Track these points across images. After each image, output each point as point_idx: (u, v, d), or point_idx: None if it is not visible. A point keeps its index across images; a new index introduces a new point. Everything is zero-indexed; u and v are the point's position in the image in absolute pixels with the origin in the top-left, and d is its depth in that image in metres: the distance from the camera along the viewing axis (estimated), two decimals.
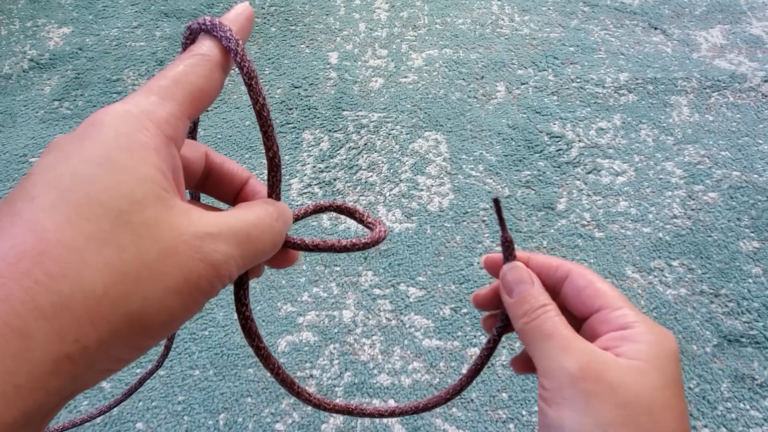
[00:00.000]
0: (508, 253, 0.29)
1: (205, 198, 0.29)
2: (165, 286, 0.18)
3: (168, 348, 0.35)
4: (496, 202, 0.29)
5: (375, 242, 0.27)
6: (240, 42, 0.22)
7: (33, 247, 0.16)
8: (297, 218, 0.28)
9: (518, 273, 0.28)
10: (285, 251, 0.26)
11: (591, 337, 0.27)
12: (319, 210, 0.30)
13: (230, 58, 0.23)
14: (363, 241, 0.27)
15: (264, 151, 0.25)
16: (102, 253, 0.16)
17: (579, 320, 0.29)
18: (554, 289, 0.29)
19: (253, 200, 0.27)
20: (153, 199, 0.18)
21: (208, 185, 0.27)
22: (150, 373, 0.34)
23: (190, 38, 0.23)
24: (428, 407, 0.33)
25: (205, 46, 0.22)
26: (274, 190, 0.26)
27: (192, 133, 0.27)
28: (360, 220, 0.30)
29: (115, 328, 0.17)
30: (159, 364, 0.34)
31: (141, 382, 0.34)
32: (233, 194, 0.27)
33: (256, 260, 0.22)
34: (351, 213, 0.30)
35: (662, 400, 0.23)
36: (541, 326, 0.26)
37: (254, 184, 0.27)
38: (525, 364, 0.32)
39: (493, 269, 0.31)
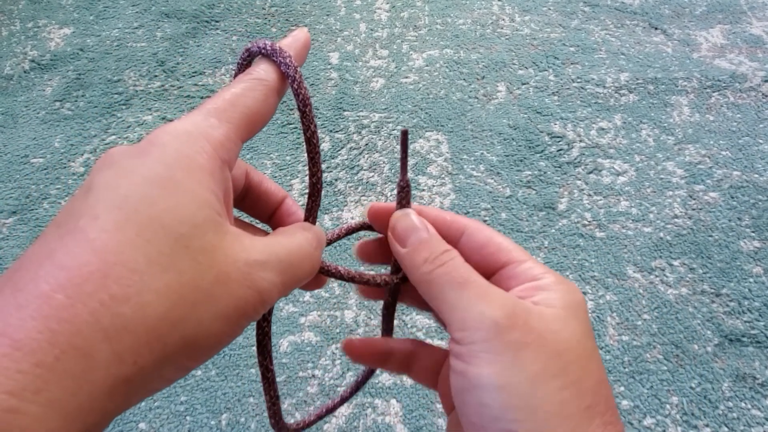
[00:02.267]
0: (405, 201, 0.27)
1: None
2: (216, 311, 0.18)
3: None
4: (404, 134, 0.26)
5: (405, 278, 0.27)
6: (298, 69, 0.22)
7: (97, 269, 0.16)
8: (330, 242, 0.27)
9: (411, 220, 0.25)
10: (317, 275, 0.26)
11: None
12: (350, 231, 0.29)
13: (286, 84, 0.23)
14: (396, 279, 0.27)
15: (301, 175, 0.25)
16: (162, 277, 0.17)
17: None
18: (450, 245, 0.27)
19: (290, 223, 0.27)
20: (210, 224, 0.18)
21: (246, 203, 0.27)
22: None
23: (247, 60, 0.23)
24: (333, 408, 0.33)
25: (263, 70, 0.22)
26: (312, 214, 0.26)
27: None
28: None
29: (170, 350, 0.17)
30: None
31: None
32: (269, 213, 0.28)
33: (295, 286, 0.22)
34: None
35: (587, 347, 0.22)
36: (450, 273, 0.23)
37: (290, 204, 0.28)
38: (386, 357, 0.29)
39: (380, 220, 0.27)
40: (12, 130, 0.88)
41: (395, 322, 0.32)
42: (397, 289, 0.29)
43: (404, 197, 0.27)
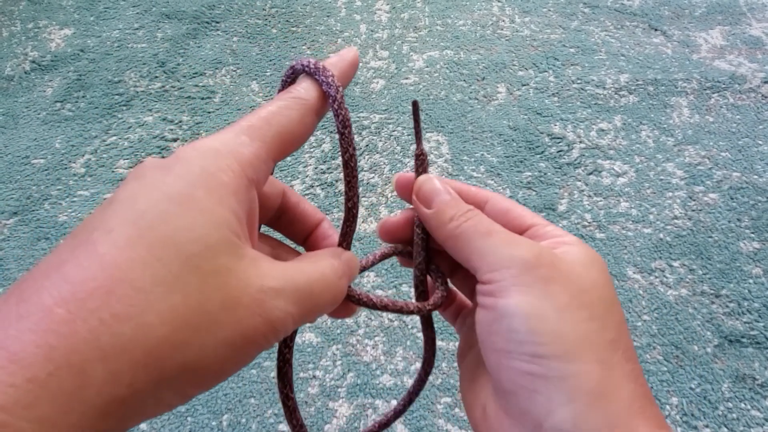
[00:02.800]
0: (422, 169, 0.27)
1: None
2: (222, 338, 0.17)
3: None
4: (415, 104, 0.26)
5: (439, 305, 0.27)
6: (340, 89, 0.22)
7: (102, 285, 0.16)
8: (363, 269, 0.27)
9: (434, 183, 0.26)
10: (346, 303, 0.25)
11: None
12: (384, 257, 0.29)
13: (326, 104, 0.22)
14: (428, 306, 0.27)
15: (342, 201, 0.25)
16: (167, 298, 0.16)
17: None
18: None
19: (324, 247, 0.26)
20: (225, 246, 0.18)
21: (282, 223, 0.27)
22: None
23: (291, 77, 0.23)
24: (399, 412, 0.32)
25: (303, 89, 0.22)
26: (346, 239, 0.25)
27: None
28: (439, 274, 0.29)
29: (168, 374, 0.16)
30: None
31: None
32: (304, 235, 0.27)
33: (314, 317, 0.21)
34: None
35: (609, 291, 0.23)
36: (476, 226, 0.24)
37: (326, 227, 0.27)
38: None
39: (406, 190, 0.28)
40: (13, 131, 0.88)
41: (402, 322, 0.31)
42: (430, 317, 0.29)
43: (421, 165, 0.27)
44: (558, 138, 0.85)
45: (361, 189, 0.80)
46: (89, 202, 0.80)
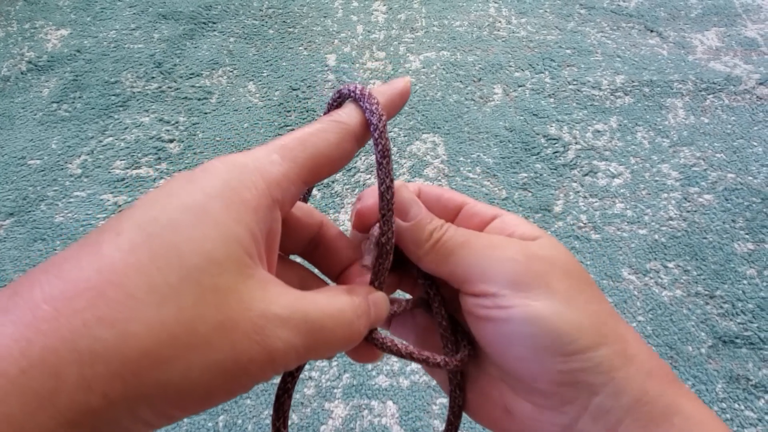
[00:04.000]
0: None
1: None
2: (212, 361, 0.16)
3: None
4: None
5: (465, 362, 0.25)
6: (383, 117, 0.21)
7: (94, 286, 0.15)
8: (394, 314, 0.24)
9: (409, 193, 0.24)
10: (369, 347, 0.23)
11: None
12: (417, 305, 0.26)
13: (368, 132, 0.22)
14: (455, 361, 0.24)
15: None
16: (159, 310, 0.15)
17: None
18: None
19: (352, 283, 0.25)
20: (232, 262, 0.17)
21: (316, 256, 0.26)
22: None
23: (338, 101, 0.22)
24: None
25: (345, 114, 0.21)
26: (378, 277, 0.23)
27: (305, 196, 0.26)
28: (464, 334, 0.26)
29: (146, 391, 0.15)
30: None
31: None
32: (338, 271, 0.26)
33: (322, 355, 0.20)
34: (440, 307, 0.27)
35: (576, 262, 0.23)
36: (453, 238, 0.23)
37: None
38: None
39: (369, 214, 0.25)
40: (9, 131, 0.88)
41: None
42: (460, 373, 0.26)
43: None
44: (554, 139, 0.85)
45: (357, 190, 0.80)
46: (85, 203, 0.80)
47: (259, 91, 0.92)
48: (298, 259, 0.26)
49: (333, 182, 0.81)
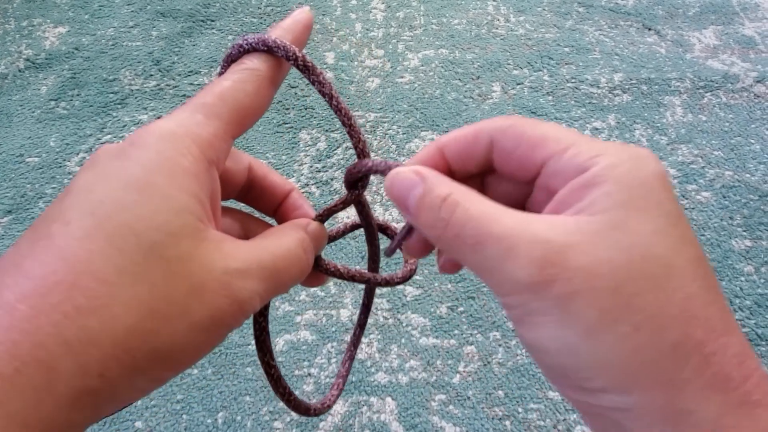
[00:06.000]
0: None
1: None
2: (192, 323, 0.17)
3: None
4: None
5: (408, 278, 0.27)
6: (296, 50, 0.22)
7: (64, 278, 0.16)
8: (332, 239, 0.27)
9: (401, 178, 0.21)
10: (316, 273, 0.25)
11: (547, 201, 0.20)
12: (354, 228, 0.29)
13: (281, 71, 0.22)
14: (397, 277, 0.27)
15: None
16: (133, 288, 0.16)
17: (528, 186, 0.21)
18: (485, 167, 0.22)
19: (295, 217, 0.26)
20: (188, 231, 0.18)
21: (250, 197, 0.27)
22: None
23: (239, 56, 0.22)
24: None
25: (256, 60, 0.21)
26: (324, 214, 0.25)
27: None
28: (391, 237, 0.29)
29: (140, 363, 0.16)
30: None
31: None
32: (274, 207, 0.27)
33: (281, 292, 0.21)
34: (384, 230, 0.30)
35: (660, 255, 0.17)
36: (459, 235, 0.19)
37: (296, 197, 0.27)
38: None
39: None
40: (7, 129, 0.88)
41: (397, 320, 0.32)
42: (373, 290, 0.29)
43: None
44: None
45: None
46: None
47: None
48: (235, 204, 0.27)
49: (332, 180, 0.81)
